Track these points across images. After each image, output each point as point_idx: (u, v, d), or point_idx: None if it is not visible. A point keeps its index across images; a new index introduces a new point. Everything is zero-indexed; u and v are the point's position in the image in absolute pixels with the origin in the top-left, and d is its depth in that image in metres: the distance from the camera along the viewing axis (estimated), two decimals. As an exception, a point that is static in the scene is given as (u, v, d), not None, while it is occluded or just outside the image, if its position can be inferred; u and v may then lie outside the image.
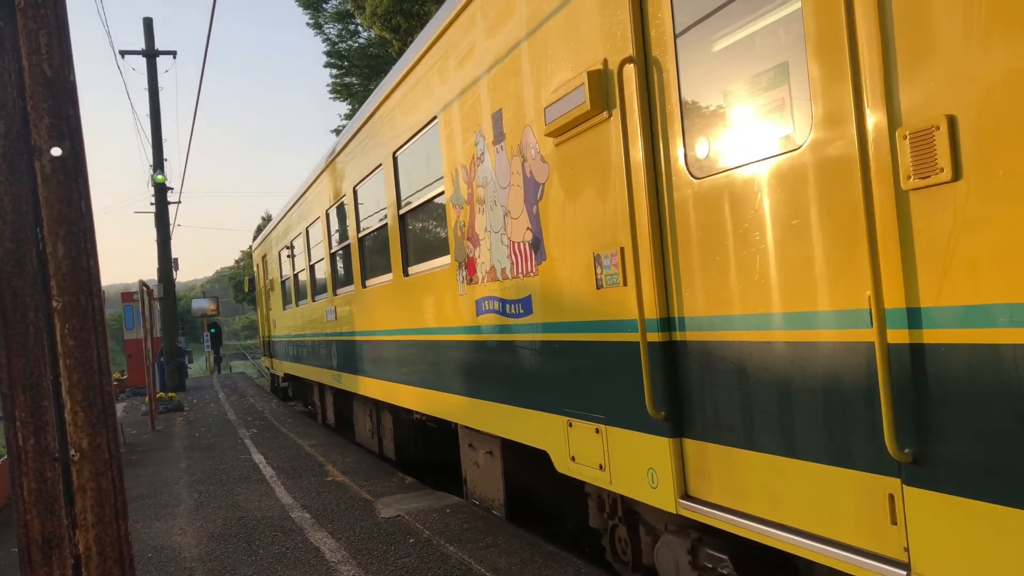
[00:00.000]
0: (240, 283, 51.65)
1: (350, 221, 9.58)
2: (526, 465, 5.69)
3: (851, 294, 2.68)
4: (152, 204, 25.09)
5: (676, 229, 3.60)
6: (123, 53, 24.31)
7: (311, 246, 12.44)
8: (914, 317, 2.48)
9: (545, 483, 5.58)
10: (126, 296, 25.77)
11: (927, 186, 2.38)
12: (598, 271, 4.21)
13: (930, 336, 2.44)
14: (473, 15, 5.58)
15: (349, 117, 41.05)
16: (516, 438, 5.45)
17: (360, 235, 9.22)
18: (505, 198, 5.29)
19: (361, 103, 39.54)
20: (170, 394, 19.57)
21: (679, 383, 3.69)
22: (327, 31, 39.45)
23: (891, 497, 2.64)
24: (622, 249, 3.94)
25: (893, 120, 2.48)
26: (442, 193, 6.45)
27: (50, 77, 2.02)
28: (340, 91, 40.57)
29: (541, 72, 4.68)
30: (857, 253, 2.62)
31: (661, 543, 4.22)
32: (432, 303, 6.93)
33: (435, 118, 6.48)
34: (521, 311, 5.22)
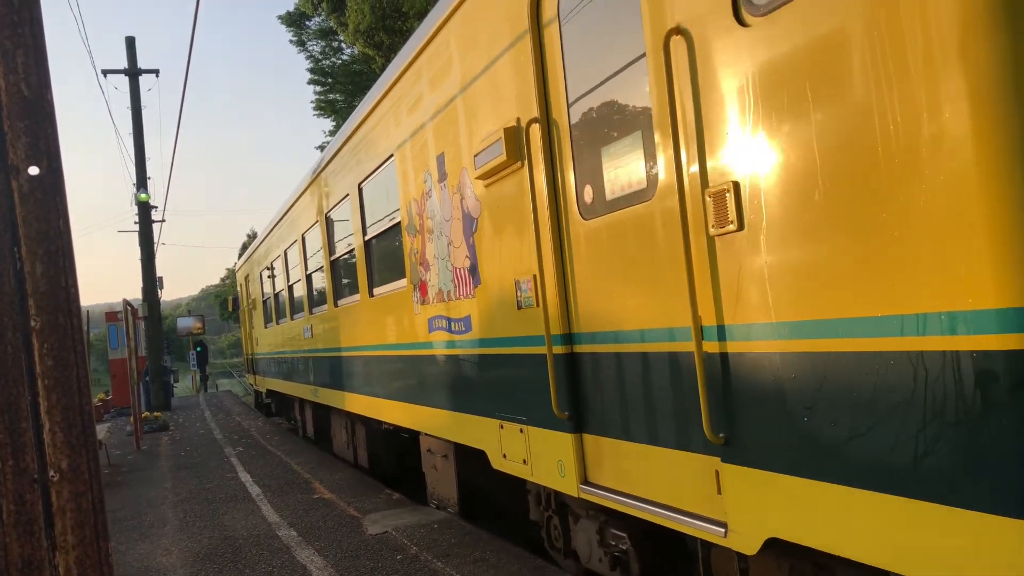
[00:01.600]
0: (225, 301, 51.49)
1: (324, 244, 10.26)
2: (476, 467, 6.18)
3: (682, 314, 3.44)
4: (136, 223, 24.96)
5: (573, 260, 4.39)
6: (105, 72, 24.25)
7: (289, 267, 13.03)
8: (721, 332, 3.23)
9: (494, 483, 6.16)
10: (110, 316, 25.58)
11: (723, 233, 3.16)
12: (518, 294, 4.97)
13: (731, 347, 3.19)
14: (419, 69, 6.41)
15: (333, 133, 41.06)
16: (461, 441, 6.19)
17: (332, 258, 9.93)
18: (448, 229, 6.05)
19: (345, 119, 39.53)
20: (156, 414, 19.41)
21: (578, 388, 4.44)
22: (310, 48, 39.51)
23: (716, 472, 3.35)
24: (535, 276, 4.67)
25: (703, 183, 3.25)
26: (399, 223, 7.19)
27: (27, 96, 2.01)
28: (324, 108, 40.59)
29: (472, 123, 5.47)
30: (686, 283, 3.33)
31: (577, 527, 4.95)
32: (393, 321, 7.67)
33: (392, 156, 7.25)
34: (463, 328, 5.96)
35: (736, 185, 3.11)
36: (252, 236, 55.11)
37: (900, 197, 2.47)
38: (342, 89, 39.38)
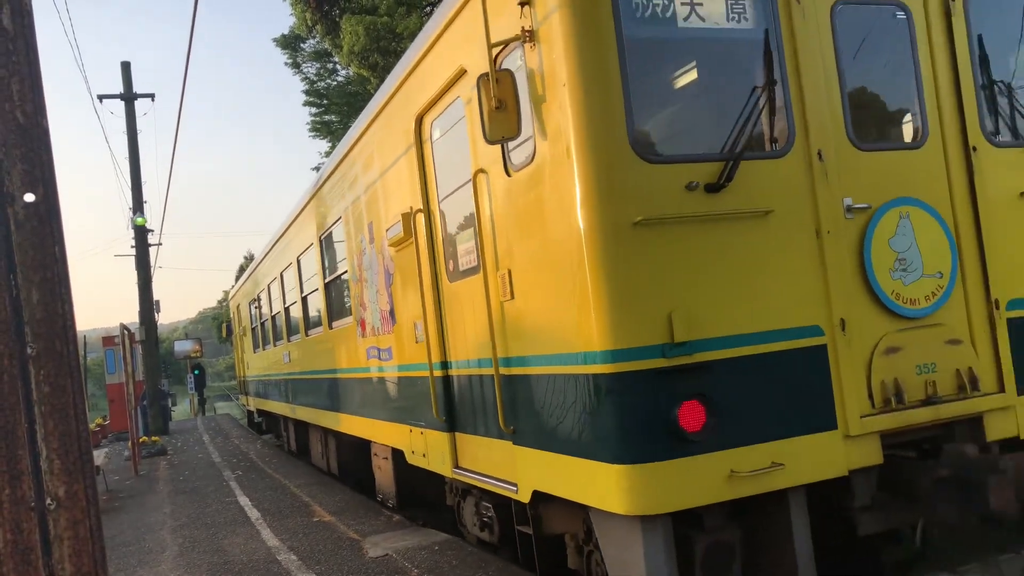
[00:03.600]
0: (222, 325, 51.51)
1: (296, 283, 11.98)
2: (409, 466, 7.31)
3: (490, 350, 5.06)
4: (132, 247, 24.95)
5: (445, 310, 6.05)
6: (101, 97, 24.33)
7: (272, 300, 14.62)
8: (506, 361, 4.97)
9: (423, 479, 7.32)
10: (107, 340, 25.50)
11: (506, 300, 4.88)
12: (416, 332, 6.58)
13: (512, 371, 4.92)
14: (354, 157, 8.16)
15: (328, 154, 41.18)
16: (389, 443, 7.91)
17: (303, 294, 11.60)
18: (376, 280, 7.69)
19: (340, 140, 39.59)
20: (153, 438, 19.31)
21: (450, 400, 6.04)
22: (305, 70, 39.68)
23: (514, 452, 4.93)
24: (423, 319, 6.19)
25: (500, 268, 4.91)
26: (347, 271, 8.86)
27: (23, 123, 2.02)
28: (320, 129, 40.72)
29: (387, 203, 7.10)
30: (488, 330, 5.07)
31: (465, 504, 6.55)
32: (345, 350, 9.29)
33: (340, 217, 8.92)
34: (387, 356, 7.58)
35: (510, 271, 4.81)
36: (249, 258, 55.14)
37: (566, 287, 4.20)
38: (337, 110, 39.52)
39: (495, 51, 4.57)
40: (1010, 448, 4.58)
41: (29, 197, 2.00)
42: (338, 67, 37.70)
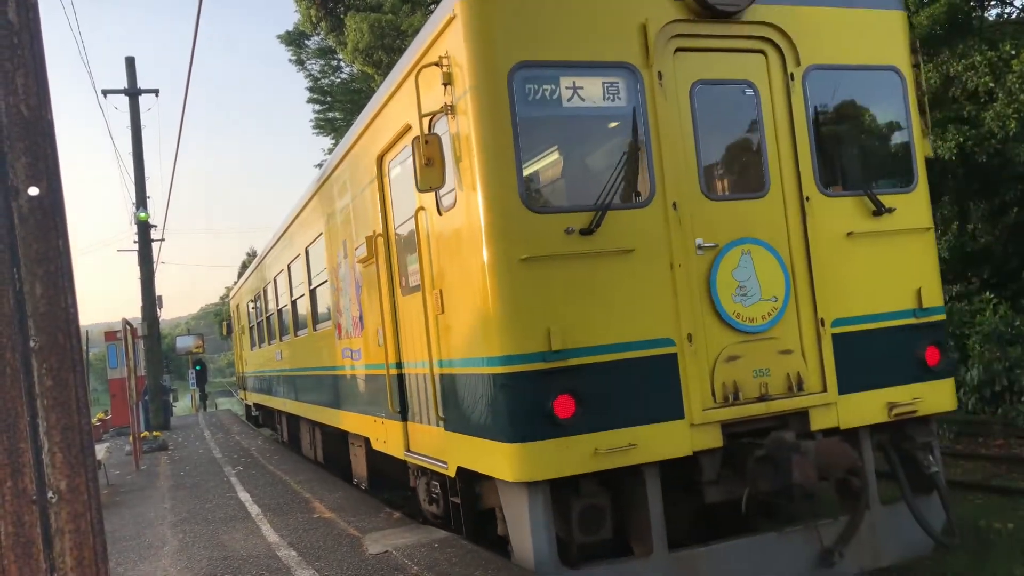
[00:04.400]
0: (224, 323, 51.67)
1: (287, 288, 13.14)
2: (380, 454, 8.30)
3: (428, 354, 6.41)
4: (135, 242, 24.97)
5: (400, 319, 7.22)
6: (105, 92, 24.34)
7: (267, 301, 15.71)
8: (440, 364, 6.21)
9: (391, 464, 8.25)
10: (110, 335, 25.53)
11: (439, 314, 6.05)
12: (378, 336, 7.65)
13: (443, 371, 6.15)
14: (332, 182, 9.38)
15: (332, 151, 41.13)
16: (360, 433, 9.13)
17: (293, 298, 12.78)
18: (349, 290, 8.81)
19: (343, 137, 39.67)
20: (155, 433, 19.33)
21: (403, 394, 7.25)
22: (309, 67, 39.68)
23: (445, 436, 6.08)
24: (383, 326, 7.39)
25: (434, 287, 6.11)
26: (327, 280, 9.99)
27: (27, 117, 2.02)
28: (323, 126, 40.73)
29: (357, 225, 8.29)
30: (426, 339, 6.39)
31: (419, 483, 7.51)
32: (326, 350, 10.38)
33: (321, 233, 10.11)
34: (357, 356, 8.73)
35: (441, 291, 6.01)
36: (252, 255, 55.15)
37: (476, 306, 5.39)
38: (341, 107, 39.53)
39: (425, 120, 5.79)
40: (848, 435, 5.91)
41: (33, 191, 2.01)
42: (342, 64, 37.71)
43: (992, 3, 14.62)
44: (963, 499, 8.99)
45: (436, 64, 5.63)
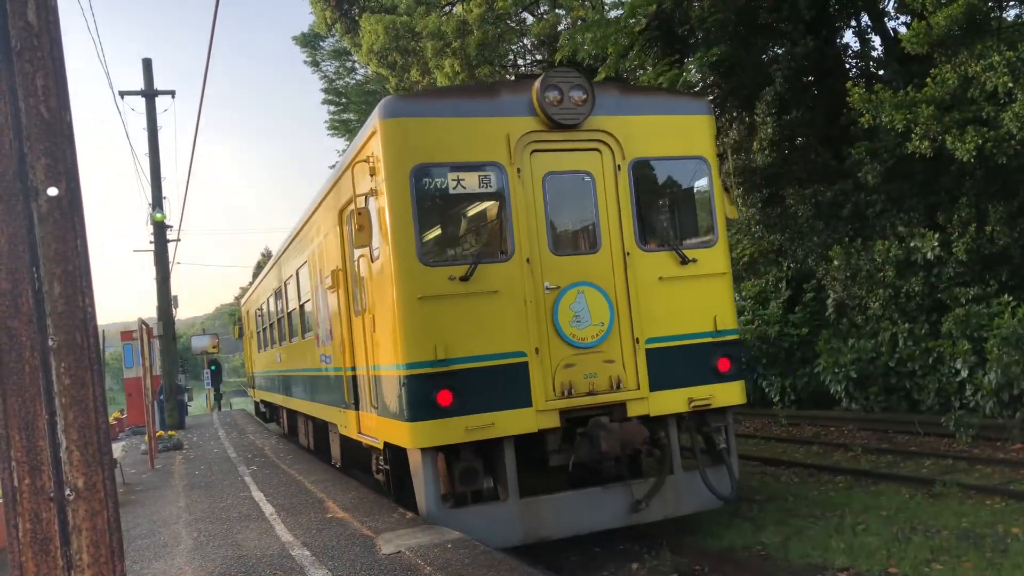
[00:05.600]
0: (237, 325, 52.04)
1: (284, 301, 15.33)
2: (352, 441, 10.17)
3: (363, 360, 8.84)
4: (151, 242, 25.14)
5: (353, 333, 9.18)
6: (122, 94, 24.51)
7: (270, 311, 17.99)
8: (373, 367, 8.49)
9: (358, 448, 10.08)
10: (125, 335, 25.69)
11: (372, 332, 8.31)
12: (341, 346, 9.74)
13: (374, 373, 8.42)
14: (311, 222, 11.59)
15: (341, 154, 41.24)
16: (331, 421, 11.38)
17: (287, 311, 14.95)
18: (323, 308, 10.90)
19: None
20: (170, 432, 19.44)
21: (355, 389, 9.31)
22: (324, 69, 39.82)
23: (378, 420, 8.31)
24: (343, 338, 9.50)
25: (369, 312, 8.39)
26: (310, 299, 12.09)
27: (47, 118, 2.04)
28: (338, 127, 40.88)
29: (326, 260, 10.39)
30: (364, 349, 8.87)
31: (373, 460, 9.31)
32: (309, 355, 12.55)
33: (306, 262, 12.19)
34: (328, 361, 10.79)
35: (374, 315, 8.10)
36: (267, 255, 55.39)
37: (390, 328, 7.53)
38: (356, 109, 39.66)
39: (360, 198, 8.09)
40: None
41: (52, 191, 2.02)
42: (357, 66, 37.82)
43: (1011, 3, 14.48)
44: (981, 504, 8.90)
45: (366, 161, 7.89)
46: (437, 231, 8.12)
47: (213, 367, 37.34)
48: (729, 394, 8.18)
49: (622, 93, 8.52)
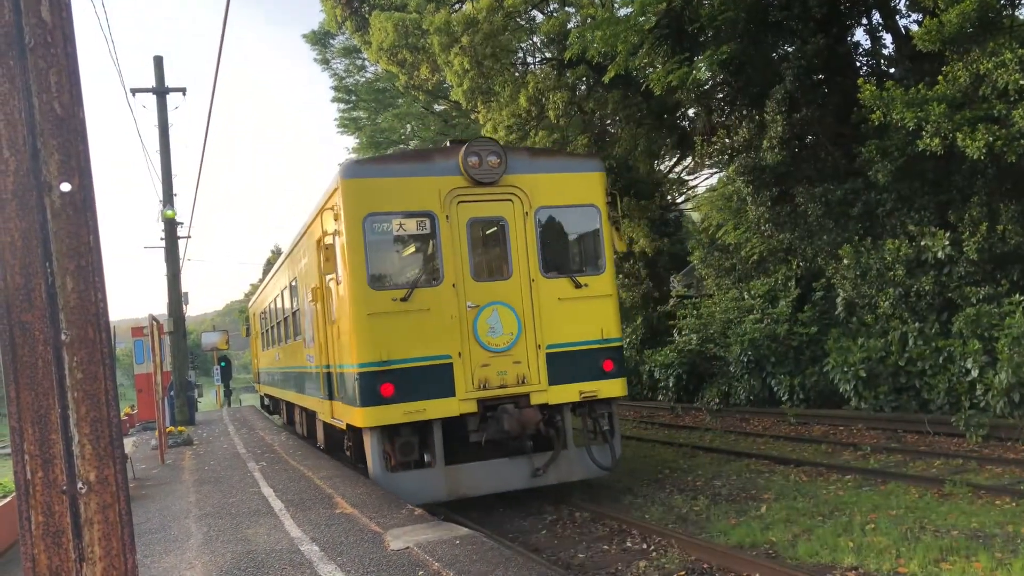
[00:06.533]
0: (246, 324, 52.31)
1: (281, 307, 17.30)
2: (332, 426, 12.05)
3: (335, 359, 10.84)
4: (162, 239, 25.25)
5: (328, 337, 11.24)
6: (134, 91, 24.58)
7: (271, 315, 20.16)
8: (339, 366, 10.60)
9: (338, 431, 11.92)
10: (136, 330, 25.82)
11: (338, 338, 10.64)
12: (320, 348, 11.57)
13: (338, 370, 10.60)
14: (300, 245, 13.49)
15: (357, 150, 41.33)
16: (314, 409, 13.49)
17: (284, 316, 16.78)
18: (309, 316, 12.67)
19: (369, 137, 39.79)
20: (180, 428, 19.54)
21: (330, 383, 11.20)
22: (334, 66, 39.86)
23: (342, 407, 10.49)
24: (322, 341, 11.40)
25: (336, 322, 10.74)
26: (299, 308, 14.06)
27: (60, 114, 2.05)
28: (348, 125, 40.91)
29: (308, 277, 12.41)
30: (337, 350, 10.77)
31: (345, 438, 11.39)
32: (299, 354, 14.47)
33: (296, 276, 14.25)
34: (313, 360, 12.61)
35: (339, 325, 10.28)
36: (276, 252, 55.58)
37: (349, 336, 9.72)
38: (365, 106, 39.70)
39: (327, 236, 10.26)
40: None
41: (65, 187, 2.04)
42: (367, 63, 37.86)
43: (1024, 1, 14.39)
44: (991, 504, 8.87)
45: (331, 208, 10.04)
46: (384, 263, 10.01)
47: (223, 363, 37.50)
48: (612, 388, 10.23)
49: (530, 156, 10.72)
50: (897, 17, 17.39)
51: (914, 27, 15.77)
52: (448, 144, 10.72)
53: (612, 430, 10.45)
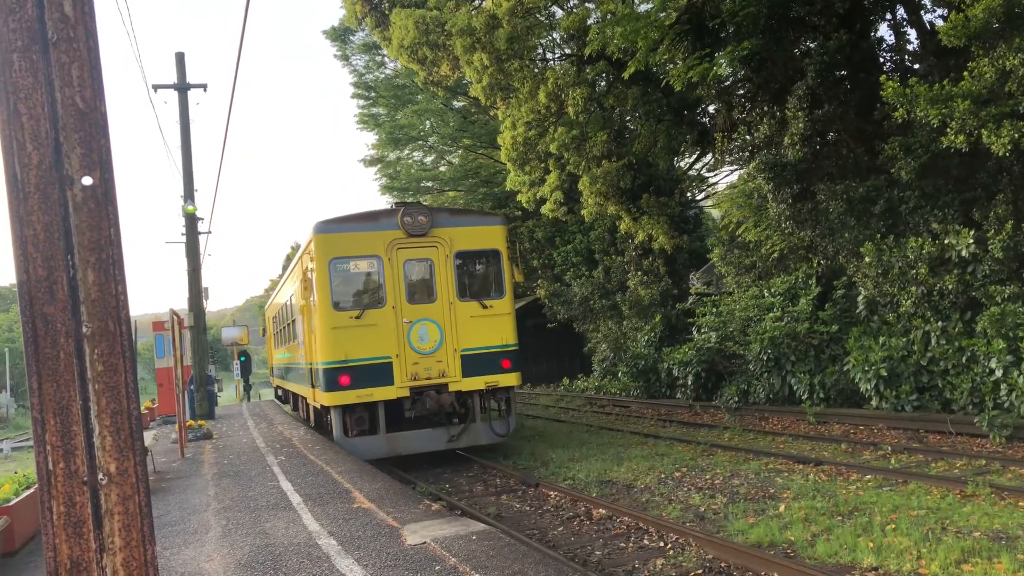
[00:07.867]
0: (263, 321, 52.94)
1: (286, 315, 20.74)
2: (320, 409, 15.27)
3: (313, 356, 14.87)
4: (183, 234, 25.45)
5: (311, 342, 15.34)
6: (156, 87, 24.81)
7: (280, 319, 23.15)
8: (316, 363, 14.57)
9: (320, 412, 15.60)
10: (157, 325, 26.08)
11: (314, 343, 15.03)
12: (307, 349, 15.84)
13: (316, 367, 14.56)
14: (295, 268, 17.29)
15: (377, 147, 41.41)
16: (306, 396, 17.06)
17: (287, 322, 20.16)
18: (302, 323, 16.16)
19: (388, 133, 39.86)
20: (200, 422, 19.71)
21: (314, 376, 14.92)
22: (354, 63, 39.95)
23: (320, 392, 14.31)
24: (309, 343, 15.26)
25: (314, 332, 15.09)
26: (296, 318, 17.28)
27: (82, 109, 2.07)
28: (367, 121, 41.00)
29: (299, 296, 16.17)
30: (318, 348, 14.43)
31: (323, 416, 15.59)
32: (297, 353, 17.59)
33: (293, 292, 17.54)
34: (304, 359, 16.34)
35: (314, 334, 14.50)
36: (296, 248, 55.88)
37: (319, 341, 13.99)
38: (385, 103, 39.77)
39: (309, 271, 14.16)
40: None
41: (87, 180, 2.05)
42: (386, 60, 37.93)
43: (1051, -5, 14.15)
44: (1014, 506, 8.76)
45: (308, 253, 14.11)
46: (344, 292, 13.88)
47: (243, 358, 37.76)
48: (508, 379, 14.24)
49: (451, 214, 15.01)
50: (922, 12, 17.18)
51: (939, 22, 15.57)
52: (392, 206, 14.80)
53: (509, 410, 14.61)
